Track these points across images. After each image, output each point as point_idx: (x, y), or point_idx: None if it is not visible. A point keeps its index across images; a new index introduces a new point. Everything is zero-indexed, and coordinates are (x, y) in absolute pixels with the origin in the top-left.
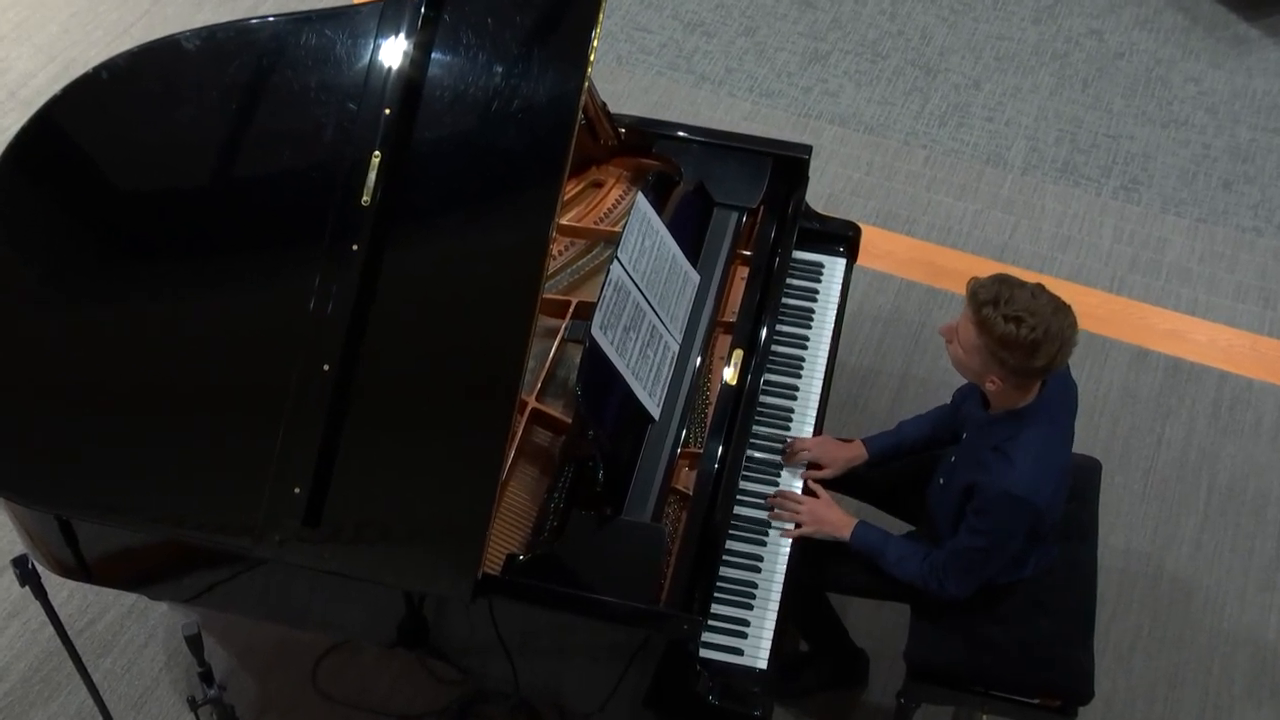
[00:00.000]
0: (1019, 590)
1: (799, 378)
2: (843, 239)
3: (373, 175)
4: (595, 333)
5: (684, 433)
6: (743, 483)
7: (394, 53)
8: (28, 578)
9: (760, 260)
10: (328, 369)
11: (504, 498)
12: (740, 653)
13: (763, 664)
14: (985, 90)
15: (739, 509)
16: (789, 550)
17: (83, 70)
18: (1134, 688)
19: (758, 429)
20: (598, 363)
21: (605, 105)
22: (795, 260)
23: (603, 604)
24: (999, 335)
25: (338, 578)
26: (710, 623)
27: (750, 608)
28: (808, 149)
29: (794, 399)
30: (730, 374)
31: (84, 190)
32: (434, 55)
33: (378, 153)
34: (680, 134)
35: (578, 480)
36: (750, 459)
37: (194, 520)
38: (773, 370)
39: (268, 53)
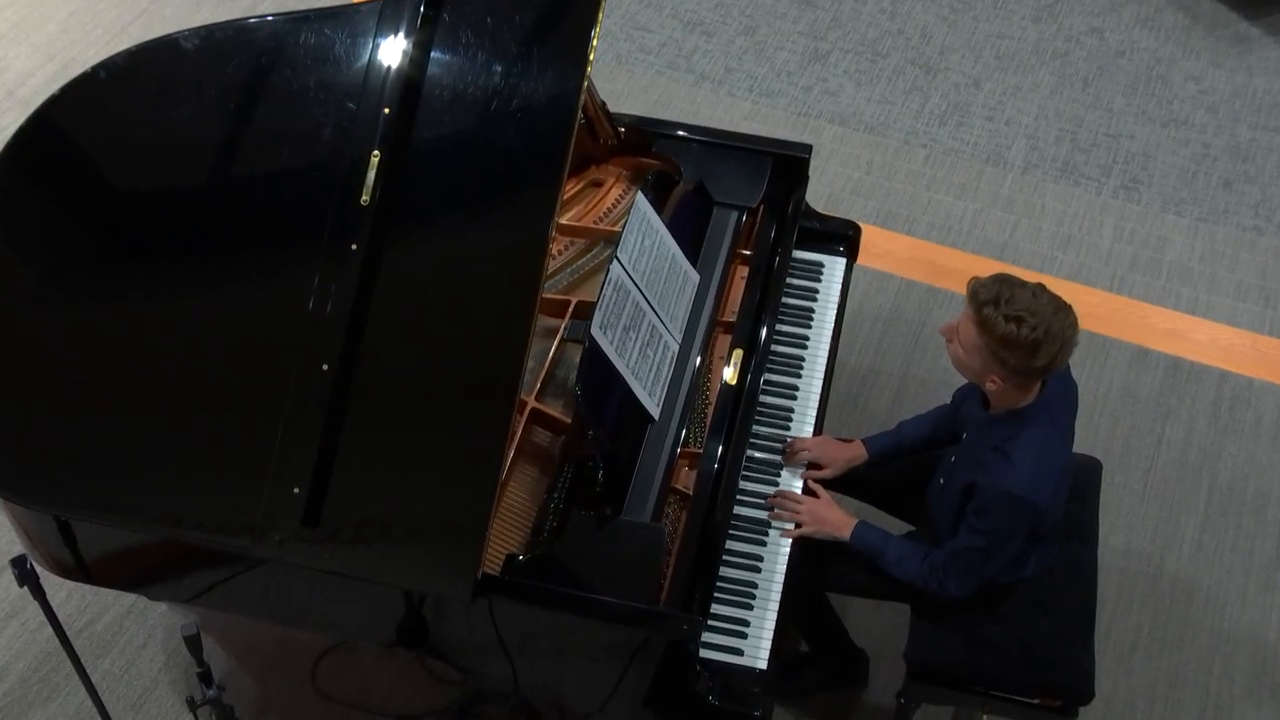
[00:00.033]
0: (1019, 590)
1: (799, 377)
2: (843, 238)
3: (372, 175)
4: (595, 332)
5: (684, 432)
6: (743, 483)
7: (393, 52)
8: (26, 578)
9: (760, 260)
10: (327, 369)
11: (503, 497)
12: (740, 653)
13: (763, 664)
14: (985, 89)
15: (739, 509)
16: (789, 550)
17: (81, 69)
18: (1134, 688)
19: (758, 429)
20: (597, 362)
21: (605, 104)
22: (795, 260)
23: (602, 604)
24: (1000, 335)
25: (337, 577)
26: (710, 623)
27: (750, 608)
28: (807, 148)
29: (794, 399)
30: (730, 374)
31: (82, 190)
32: (433, 54)
33: (377, 152)
34: (680, 133)
35: (577, 480)
36: (750, 459)
37: (193, 520)
38: (773, 370)
39: (266, 52)
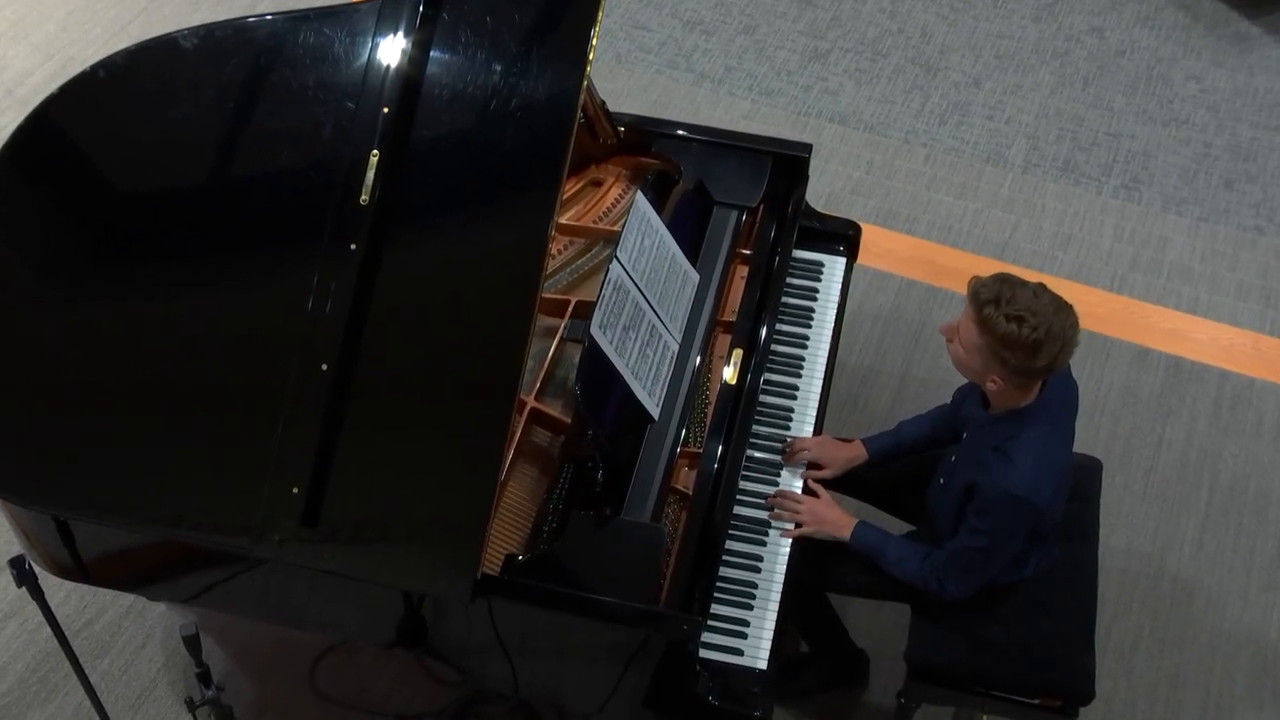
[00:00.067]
0: (1020, 590)
1: (799, 377)
2: (843, 238)
3: (371, 174)
4: (594, 332)
5: (683, 432)
6: (742, 482)
7: (392, 51)
8: (24, 578)
9: (760, 259)
10: (326, 368)
11: (503, 497)
12: (740, 653)
13: (763, 664)
14: (986, 88)
15: (739, 509)
16: (789, 550)
17: (80, 68)
18: (1135, 688)
19: (757, 428)
20: (597, 362)
21: (604, 104)
22: (795, 259)
23: (602, 604)
24: (1001, 335)
25: (336, 578)
26: (710, 623)
27: (750, 608)
28: (807, 147)
29: (794, 398)
30: (730, 373)
31: (81, 189)
32: (432, 53)
33: (376, 151)
34: (680, 133)
35: (577, 480)
36: (750, 459)
37: (191, 520)
38: (772, 369)
39: (265, 51)
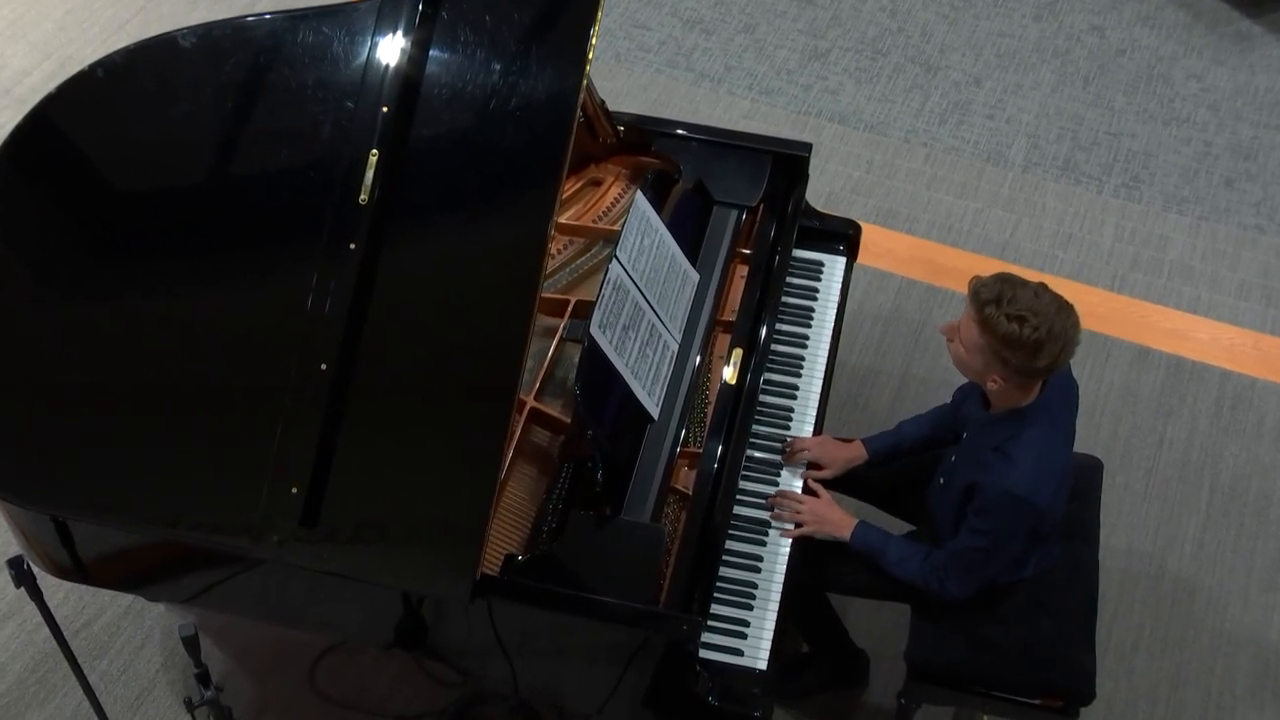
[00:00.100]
0: (1020, 590)
1: (799, 377)
2: (843, 237)
3: (370, 173)
4: (594, 332)
5: (683, 432)
6: (742, 482)
7: (392, 50)
8: (23, 579)
9: (760, 259)
10: (325, 368)
11: (502, 498)
12: (740, 653)
13: (763, 664)
14: (986, 88)
15: (739, 509)
16: (789, 550)
17: (78, 67)
18: (1136, 688)
19: (757, 428)
20: (596, 362)
21: (604, 103)
22: (795, 259)
23: (602, 604)
24: (1002, 335)
25: (335, 578)
26: (710, 623)
27: (750, 608)
28: (807, 147)
29: (794, 398)
30: (730, 373)
31: (79, 188)
32: (432, 53)
33: (375, 151)
34: (679, 132)
35: (576, 480)
36: (750, 458)
37: (190, 521)
38: (772, 369)
39: (264, 50)
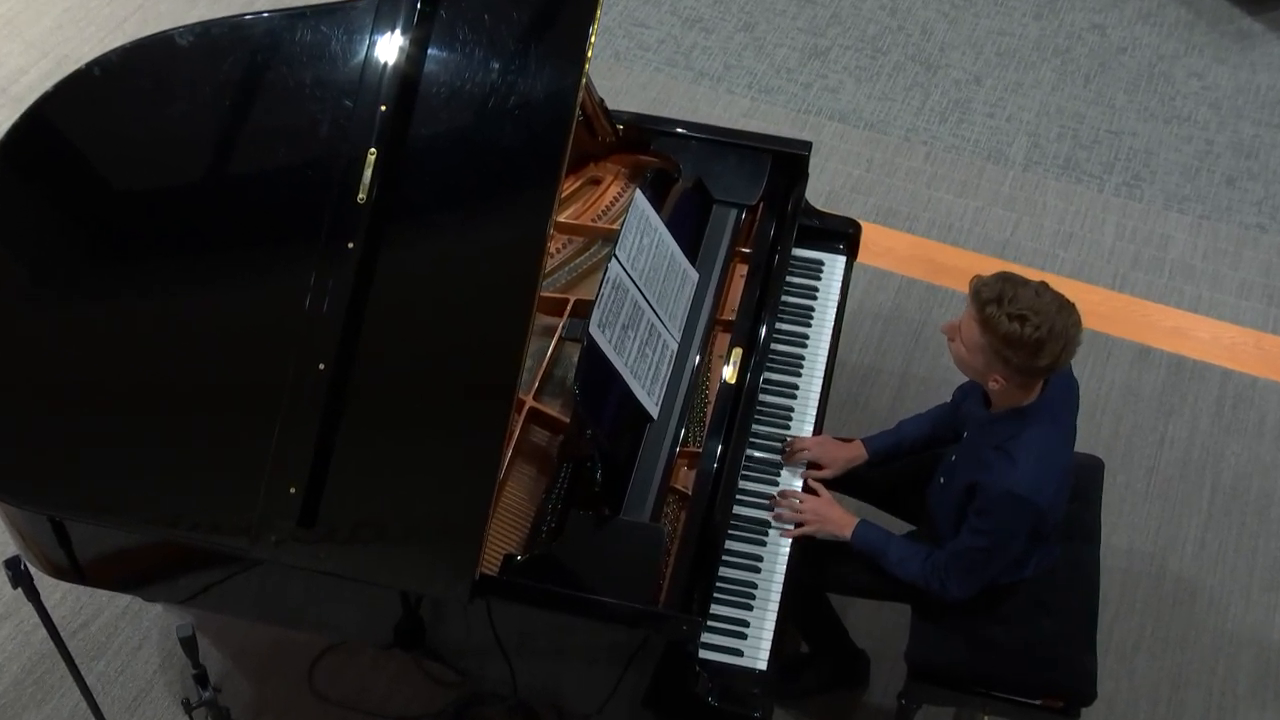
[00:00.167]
0: (1021, 590)
1: (799, 376)
2: (843, 236)
3: (369, 172)
4: (593, 331)
5: (683, 432)
6: (742, 482)
7: (390, 49)
8: (20, 579)
9: (760, 258)
10: (323, 368)
11: (501, 498)
12: (740, 654)
13: (762, 665)
14: (986, 86)
15: (738, 509)
16: (789, 550)
17: (75, 66)
18: (1137, 689)
19: (757, 428)
20: (596, 361)
21: (603, 101)
22: (795, 258)
23: (601, 605)
24: (1003, 334)
25: (333, 578)
26: (709, 623)
27: (750, 608)
28: (807, 145)
29: (794, 397)
30: (729, 372)
31: (77, 187)
32: (430, 51)
33: (374, 150)
34: (679, 130)
35: (576, 480)
36: (750, 458)
37: (188, 521)
38: (772, 368)
39: (262, 49)
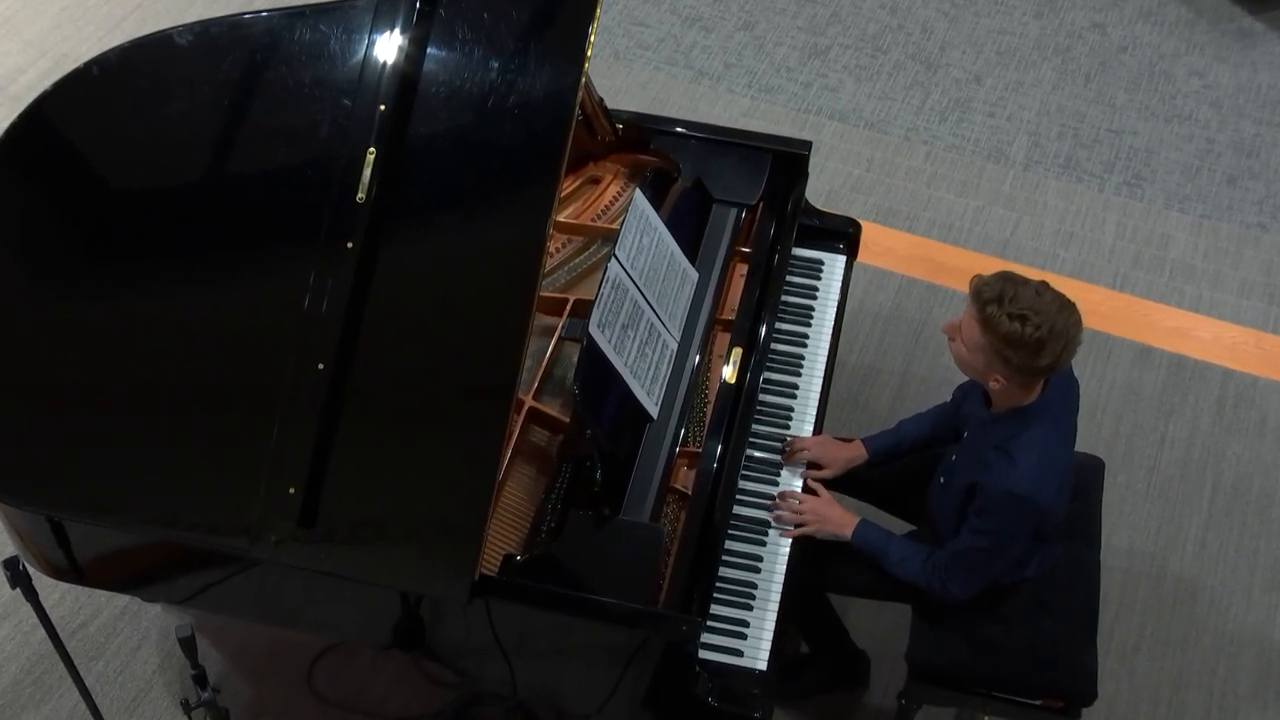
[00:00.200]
0: (1021, 590)
1: (799, 376)
2: (843, 236)
3: (368, 172)
4: (593, 331)
5: (683, 431)
6: (742, 482)
7: (389, 48)
8: (18, 579)
9: (759, 257)
10: (322, 367)
11: (501, 498)
12: (740, 654)
13: (762, 665)
14: (987, 85)
15: (738, 509)
16: (789, 550)
17: (74, 65)
18: (1138, 689)
19: (757, 428)
20: (595, 361)
21: (602, 101)
22: (795, 257)
23: (601, 605)
24: (1004, 334)
25: (333, 578)
26: (709, 623)
27: (750, 608)
28: (807, 145)
29: (794, 397)
30: (729, 372)
31: (75, 187)
32: (429, 50)
33: (373, 149)
34: (678, 130)
35: (575, 480)
36: (750, 458)
37: (187, 521)
38: (772, 368)
39: (261, 48)
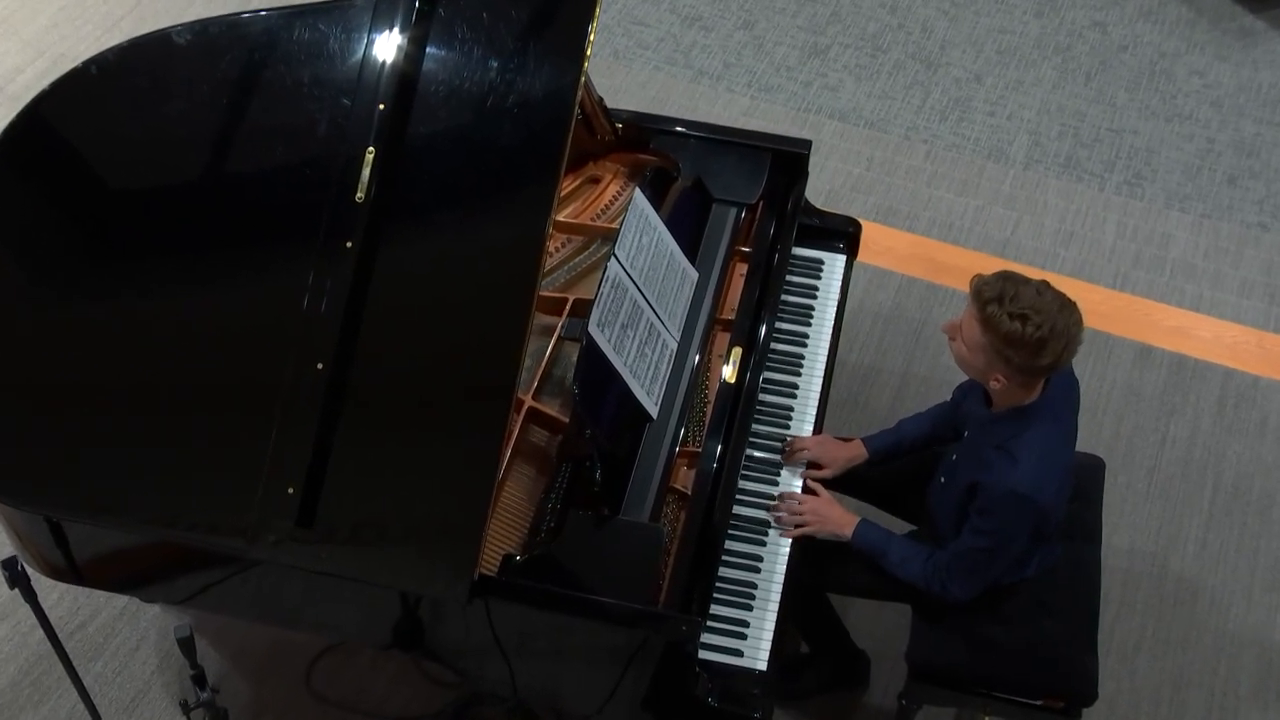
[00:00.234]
0: (1022, 590)
1: (799, 375)
2: (843, 235)
3: (367, 171)
4: (592, 330)
5: (682, 431)
6: (742, 482)
7: (388, 47)
8: (17, 580)
9: (759, 257)
10: (321, 367)
11: (500, 498)
12: (740, 654)
13: (762, 665)
14: (987, 84)
15: (738, 508)
16: (789, 550)
17: (72, 65)
18: (1138, 689)
19: (757, 427)
20: (595, 361)
21: (602, 100)
22: (795, 257)
23: (600, 605)
24: (1004, 333)
25: (332, 579)
26: (709, 624)
27: (750, 608)
28: (807, 144)
29: (794, 397)
30: (729, 372)
31: (74, 187)
32: (429, 50)
33: (372, 149)
34: (678, 129)
35: (575, 480)
36: (749, 458)
37: (186, 521)
38: (772, 368)
39: (260, 47)
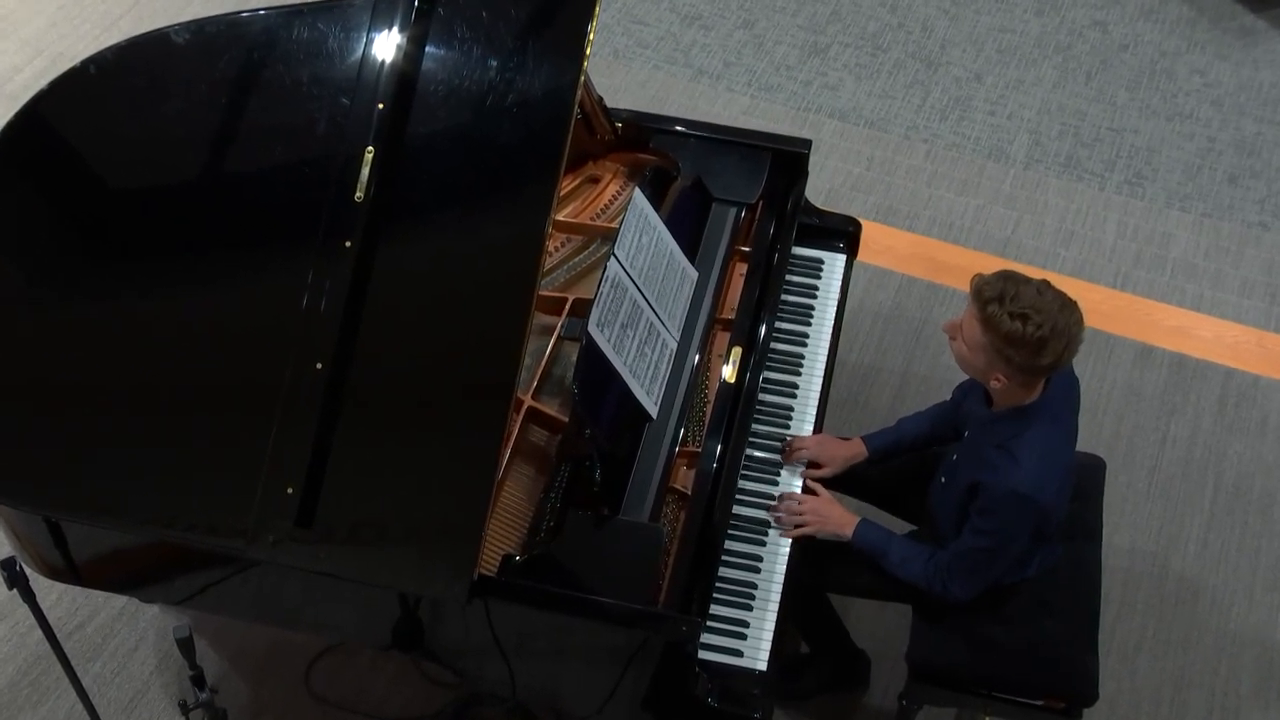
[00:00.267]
0: (1022, 590)
1: (798, 375)
2: (843, 234)
3: (366, 171)
4: (592, 330)
5: (682, 431)
6: (742, 482)
7: (387, 46)
8: (15, 580)
9: (759, 256)
10: (320, 367)
11: (500, 498)
12: (740, 654)
13: (762, 665)
14: (987, 83)
15: (738, 508)
16: (789, 550)
17: (70, 64)
18: (1139, 689)
19: (757, 427)
20: (594, 360)
21: (601, 99)
22: (794, 256)
23: (600, 605)
24: (1005, 333)
25: (331, 579)
26: (709, 624)
27: (750, 609)
28: (807, 143)
29: (793, 397)
30: (729, 371)
31: (72, 186)
32: (428, 49)
33: (371, 148)
34: (678, 128)
35: (574, 480)
36: (749, 458)
37: (185, 522)
38: (772, 368)
39: (258, 46)
